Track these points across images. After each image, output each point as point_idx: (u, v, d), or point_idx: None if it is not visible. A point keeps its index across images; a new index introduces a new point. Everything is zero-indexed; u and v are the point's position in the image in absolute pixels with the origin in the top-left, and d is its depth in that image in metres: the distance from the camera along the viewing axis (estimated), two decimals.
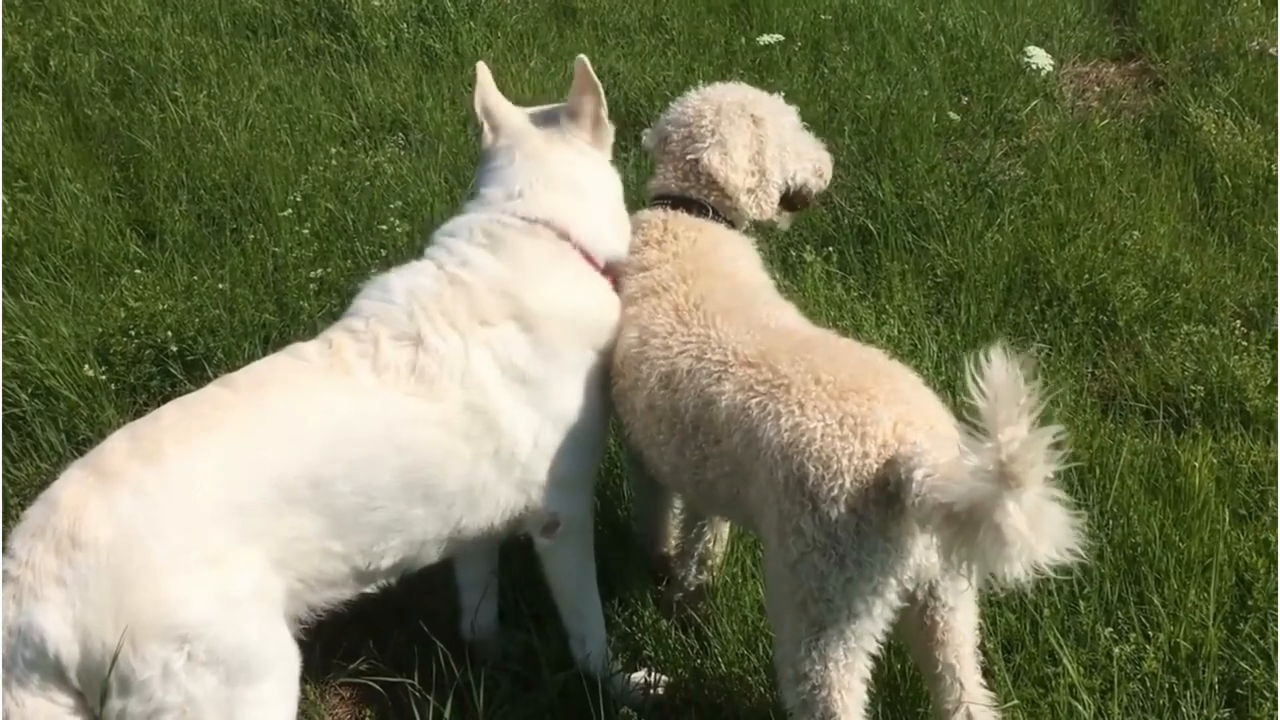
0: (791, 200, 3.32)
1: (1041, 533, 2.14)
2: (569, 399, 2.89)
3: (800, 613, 2.46)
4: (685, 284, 2.89)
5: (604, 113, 3.16)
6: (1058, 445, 2.11)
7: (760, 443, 2.51)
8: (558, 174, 3.06)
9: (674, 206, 3.12)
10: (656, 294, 2.91)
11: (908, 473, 2.29)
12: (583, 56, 3.11)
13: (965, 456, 2.16)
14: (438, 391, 2.72)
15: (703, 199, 3.14)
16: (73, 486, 2.45)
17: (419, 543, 2.79)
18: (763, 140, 3.16)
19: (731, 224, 3.17)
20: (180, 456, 2.49)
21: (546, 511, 2.91)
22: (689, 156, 3.13)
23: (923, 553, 2.43)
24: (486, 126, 3.17)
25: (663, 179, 3.17)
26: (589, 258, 3.02)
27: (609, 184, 3.18)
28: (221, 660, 2.39)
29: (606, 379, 2.98)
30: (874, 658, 2.55)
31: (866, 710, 2.55)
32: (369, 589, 2.81)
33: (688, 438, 2.74)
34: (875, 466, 2.36)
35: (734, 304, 2.83)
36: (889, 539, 2.38)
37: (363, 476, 2.65)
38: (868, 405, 2.42)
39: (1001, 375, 2.09)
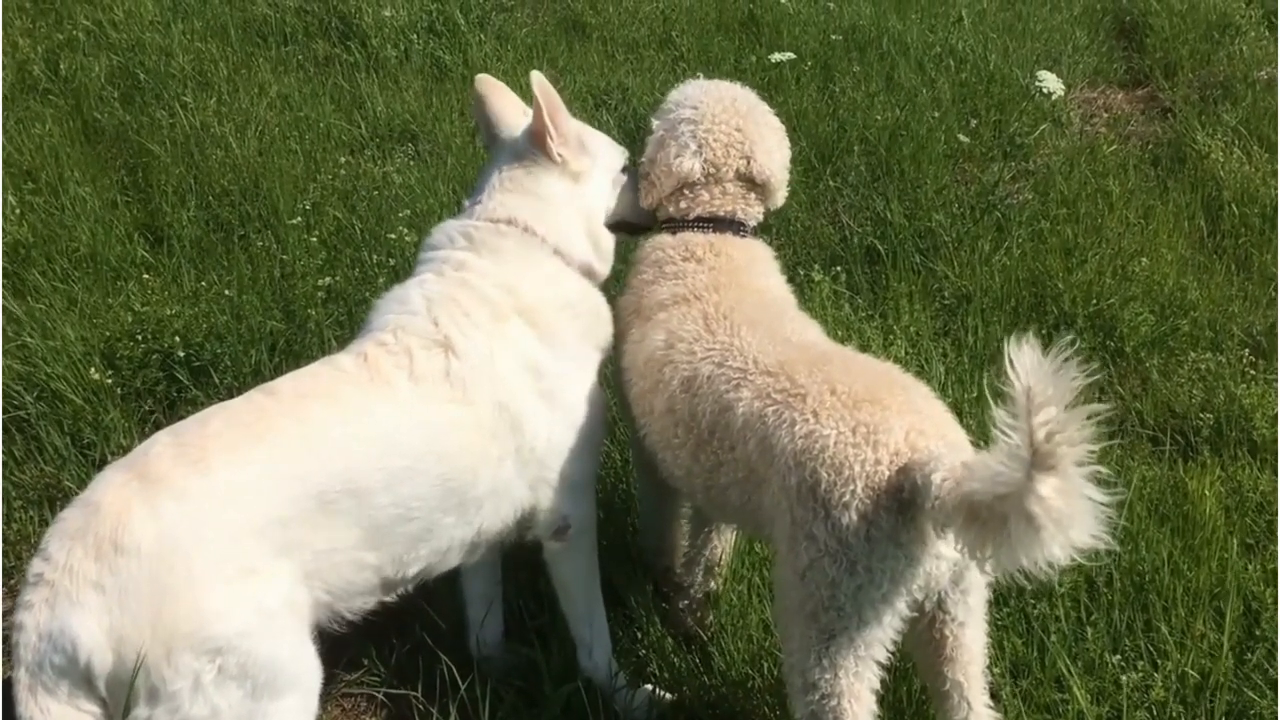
0: None
1: (1076, 515, 2.13)
2: (575, 395, 2.93)
3: (810, 621, 2.47)
4: (717, 294, 2.92)
5: (548, 136, 3.02)
6: (1093, 426, 2.10)
7: (775, 449, 2.54)
8: (515, 180, 3.07)
9: (718, 229, 3.11)
10: (687, 301, 2.94)
11: (925, 477, 2.31)
12: (535, 73, 3.04)
13: (1000, 439, 2.15)
14: (471, 394, 2.75)
15: (746, 218, 3.15)
16: (115, 490, 2.41)
17: (444, 550, 2.81)
18: (779, 131, 3.23)
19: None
20: (226, 466, 2.47)
21: (557, 514, 2.93)
22: (746, 175, 3.12)
23: (932, 562, 2.45)
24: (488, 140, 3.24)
25: (707, 204, 3.13)
26: (560, 255, 3.04)
27: (563, 193, 3.08)
28: (250, 674, 2.38)
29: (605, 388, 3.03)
30: (880, 678, 2.54)
31: None
32: (388, 598, 2.81)
33: (703, 442, 2.76)
34: (887, 474, 2.39)
35: (761, 317, 2.85)
36: (899, 545, 2.40)
37: (403, 487, 2.66)
38: (881, 414, 2.45)
39: (1035, 360, 2.10)
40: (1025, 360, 2.10)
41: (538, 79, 3.01)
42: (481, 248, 2.97)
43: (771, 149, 3.16)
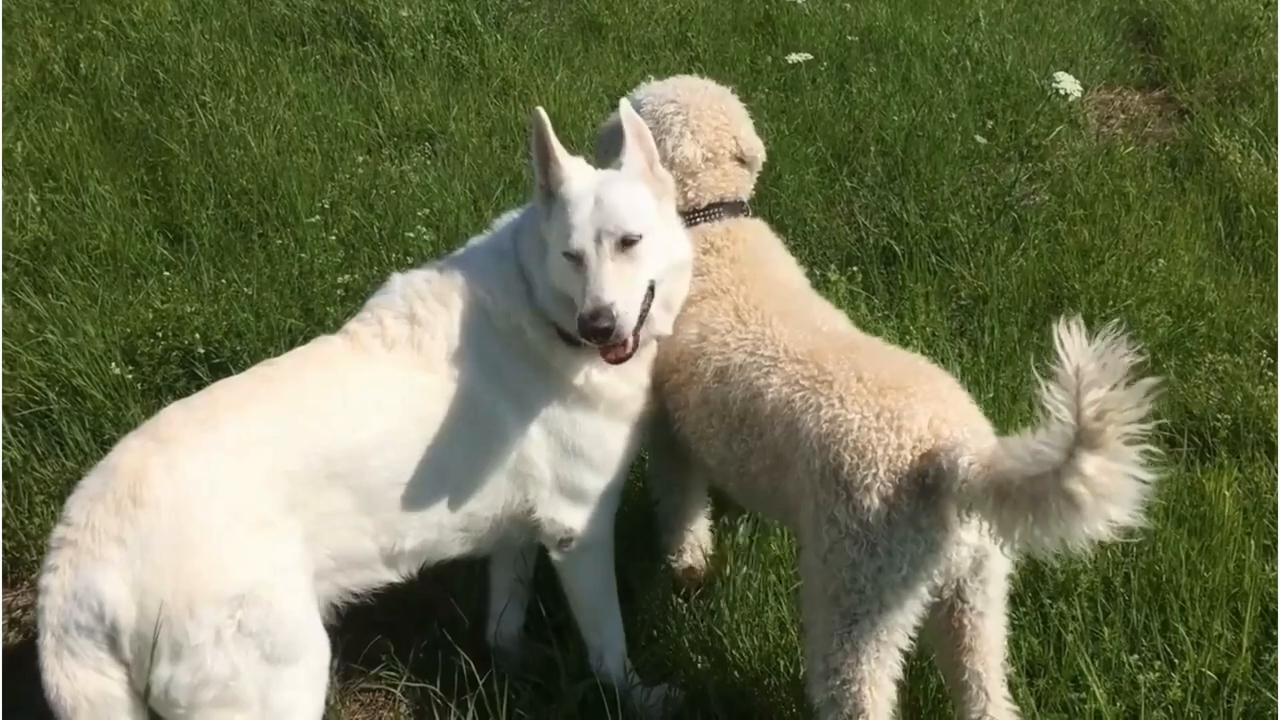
0: None
1: (1120, 492, 2.16)
2: (553, 407, 2.90)
3: (833, 604, 2.50)
4: (745, 286, 2.97)
5: (545, 176, 2.88)
6: (1148, 403, 2.11)
7: (800, 434, 2.59)
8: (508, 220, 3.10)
9: (729, 212, 3.15)
10: (716, 296, 2.98)
11: (951, 461, 2.35)
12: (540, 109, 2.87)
13: (1050, 417, 2.16)
14: (434, 364, 2.83)
15: (744, 198, 3.22)
16: (131, 453, 2.50)
17: (434, 524, 2.85)
18: (745, 110, 3.32)
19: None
20: (235, 423, 2.57)
21: (557, 525, 2.95)
22: (737, 154, 3.19)
23: (953, 547, 2.48)
24: None
25: (714, 188, 3.17)
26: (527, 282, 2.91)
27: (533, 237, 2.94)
28: (268, 630, 2.43)
29: (632, 411, 3.00)
30: (901, 668, 2.56)
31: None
32: (392, 575, 2.86)
33: (735, 430, 2.81)
34: (909, 458, 2.43)
35: (791, 308, 2.91)
36: (920, 529, 2.44)
37: (390, 449, 2.74)
38: (905, 401, 2.49)
39: (1083, 342, 2.12)
40: (1074, 342, 2.13)
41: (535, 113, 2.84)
42: (470, 257, 3.03)
43: (750, 126, 3.26)
